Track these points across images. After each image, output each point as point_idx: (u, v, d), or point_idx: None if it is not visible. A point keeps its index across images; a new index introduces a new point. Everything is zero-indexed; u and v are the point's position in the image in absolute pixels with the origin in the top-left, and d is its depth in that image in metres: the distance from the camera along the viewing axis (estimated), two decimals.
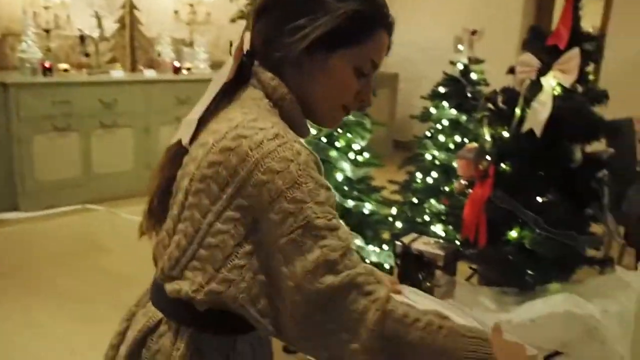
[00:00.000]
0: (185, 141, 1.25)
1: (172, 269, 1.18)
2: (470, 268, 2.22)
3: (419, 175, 3.94)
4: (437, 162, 3.83)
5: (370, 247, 3.54)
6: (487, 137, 2.01)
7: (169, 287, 1.18)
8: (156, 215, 1.29)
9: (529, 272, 2.05)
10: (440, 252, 2.01)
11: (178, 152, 1.24)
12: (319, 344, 1.10)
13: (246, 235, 1.12)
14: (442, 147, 3.85)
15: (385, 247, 3.54)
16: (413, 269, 2.04)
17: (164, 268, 1.20)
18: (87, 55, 5.10)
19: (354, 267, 1.09)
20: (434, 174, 3.85)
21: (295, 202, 1.07)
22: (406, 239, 2.08)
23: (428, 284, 2.06)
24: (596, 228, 2.15)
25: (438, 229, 3.67)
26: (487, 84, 3.89)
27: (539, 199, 2.01)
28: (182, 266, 1.16)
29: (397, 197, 4.07)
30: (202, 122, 1.22)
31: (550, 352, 1.84)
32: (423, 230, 3.67)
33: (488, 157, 2.02)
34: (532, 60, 1.98)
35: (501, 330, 1.30)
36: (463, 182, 2.12)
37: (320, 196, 1.09)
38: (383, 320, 1.06)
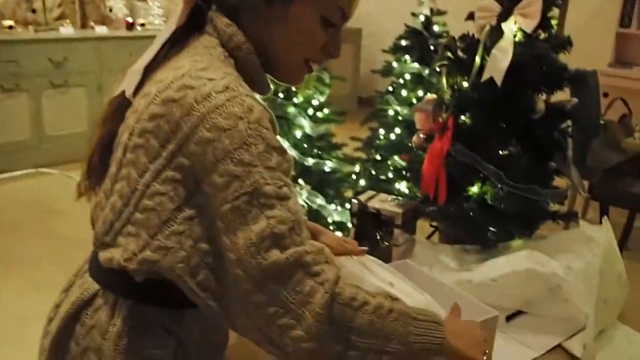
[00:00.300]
0: (129, 92, 1.12)
1: (106, 235, 1.06)
2: (431, 226, 2.14)
3: (381, 131, 3.85)
4: (400, 117, 3.74)
5: (332, 206, 3.46)
6: (446, 88, 1.91)
7: (102, 255, 1.06)
8: (96, 173, 1.17)
9: (491, 228, 1.97)
10: (398, 210, 1.92)
11: (122, 105, 1.12)
12: (259, 328, 1.00)
13: (187, 198, 1.00)
14: (405, 102, 3.75)
15: (347, 205, 3.47)
16: (370, 228, 1.95)
17: (98, 233, 1.09)
18: (33, 11, 4.88)
19: (302, 243, 0.99)
20: (397, 130, 3.76)
21: (242, 165, 0.96)
22: (363, 197, 1.98)
23: (386, 243, 1.97)
24: (560, 182, 2.07)
25: (402, 186, 3.59)
26: (449, 36, 3.78)
27: (500, 152, 1.93)
28: (116, 231, 1.05)
29: (360, 155, 4.00)
30: (149, 71, 1.10)
31: (512, 312, 1.77)
32: (387, 188, 3.60)
33: (447, 109, 1.92)
34: (492, 5, 1.86)
35: (459, 311, 1.24)
36: (422, 135, 2.02)
37: (272, 160, 0.98)
38: (331, 304, 0.97)
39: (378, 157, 3.84)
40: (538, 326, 1.73)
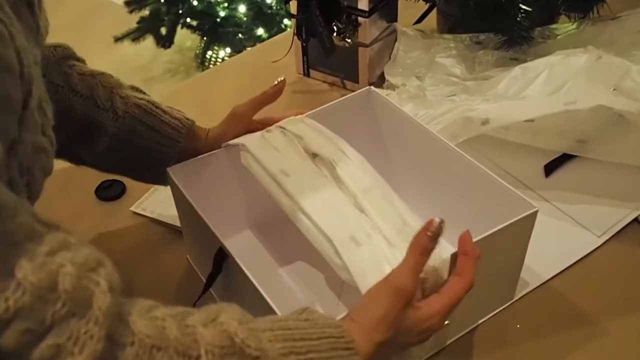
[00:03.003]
0: None
1: None
2: (426, 1, 1.32)
3: None
4: None
5: None
6: None
7: None
8: None
9: (522, 6, 1.17)
10: None
11: None
12: None
13: None
14: None
15: None
16: (319, 19, 1.16)
17: None
18: None
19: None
20: None
21: None
22: None
23: (348, 41, 1.19)
24: None
25: None
26: None
27: None
28: None
29: None
30: None
31: (556, 157, 1.05)
32: None
33: None
34: None
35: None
36: None
37: None
38: None
39: None
40: (597, 185, 1.02)
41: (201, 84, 1.34)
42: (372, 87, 0.96)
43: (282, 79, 0.87)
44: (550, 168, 1.04)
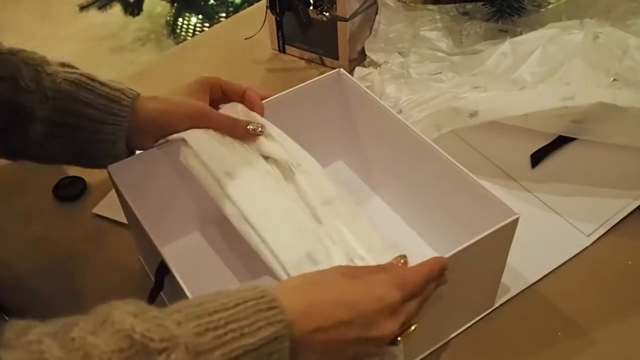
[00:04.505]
0: None
1: None
2: None
3: None
4: None
5: None
6: None
7: None
8: None
9: None
10: None
11: None
12: None
13: None
14: None
15: None
16: None
17: None
18: None
19: None
20: None
21: None
22: None
23: (326, 14, 1.11)
24: None
25: None
26: None
27: None
28: None
29: None
30: None
31: (543, 145, 0.98)
32: None
33: None
34: None
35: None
36: None
37: None
38: None
39: None
40: (587, 177, 0.94)
41: (172, 62, 1.25)
42: (341, 69, 0.87)
43: (260, 129, 0.76)
44: (537, 158, 0.97)
